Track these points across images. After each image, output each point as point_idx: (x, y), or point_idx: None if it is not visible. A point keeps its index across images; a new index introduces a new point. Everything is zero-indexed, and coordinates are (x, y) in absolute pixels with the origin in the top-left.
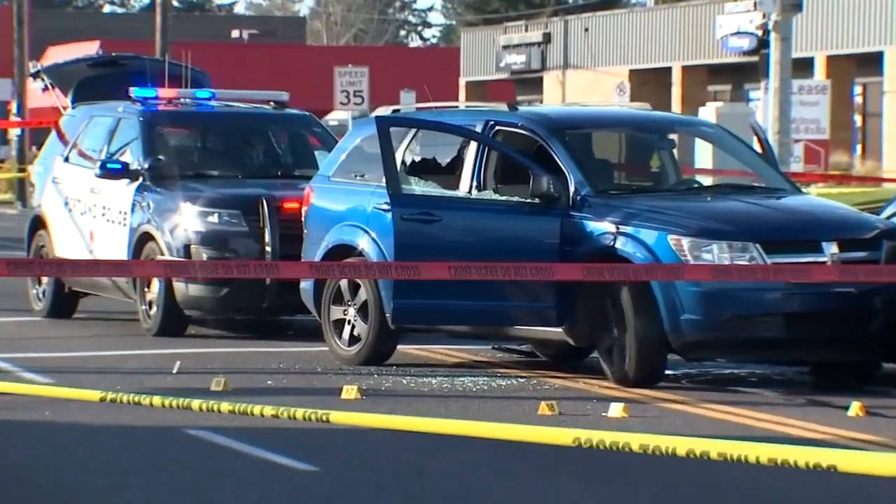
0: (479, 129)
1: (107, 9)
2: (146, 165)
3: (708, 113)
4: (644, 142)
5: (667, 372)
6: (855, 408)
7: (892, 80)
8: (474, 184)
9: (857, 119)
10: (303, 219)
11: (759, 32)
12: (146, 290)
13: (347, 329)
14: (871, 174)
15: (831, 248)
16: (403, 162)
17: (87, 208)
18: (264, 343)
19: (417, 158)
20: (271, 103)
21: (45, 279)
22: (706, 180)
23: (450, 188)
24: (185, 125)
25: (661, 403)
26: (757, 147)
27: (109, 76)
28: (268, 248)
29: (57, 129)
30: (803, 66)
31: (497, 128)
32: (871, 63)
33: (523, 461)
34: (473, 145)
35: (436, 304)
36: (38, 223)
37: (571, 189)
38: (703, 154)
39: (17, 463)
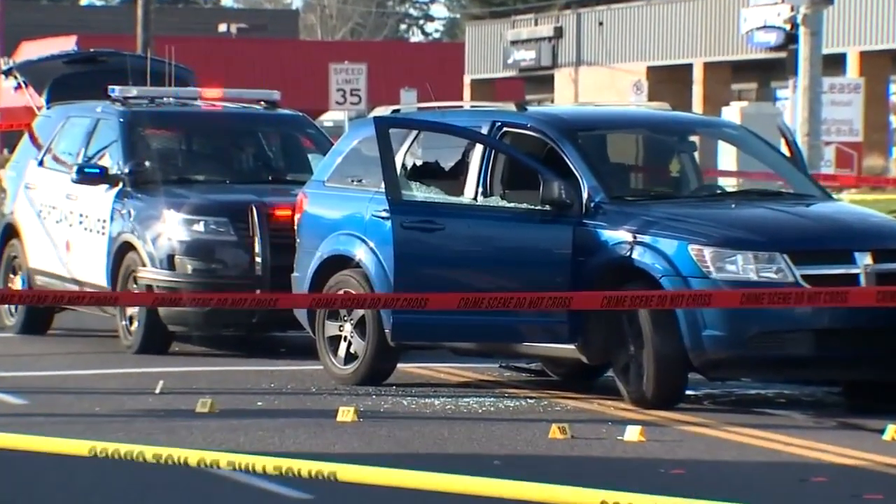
0: (485, 130)
1: (84, 1)
2: (127, 170)
3: (732, 113)
4: (663, 144)
5: (687, 392)
6: (891, 431)
7: None
8: (480, 190)
9: (893, 120)
10: (295, 227)
11: (787, 26)
12: None
13: (343, 346)
14: None
15: (865, 259)
16: (404, 166)
17: (63, 216)
18: (254, 361)
19: (419, 162)
20: (262, 103)
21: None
22: (730, 186)
23: (453, 194)
24: (168, 126)
25: (681, 426)
26: (785, 150)
27: (87, 74)
28: (258, 259)
29: (29, 131)
30: (835, 63)
31: (504, 129)
32: None
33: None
34: (479, 148)
35: (438, 319)
36: (10, 232)
37: (584, 195)
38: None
39: None
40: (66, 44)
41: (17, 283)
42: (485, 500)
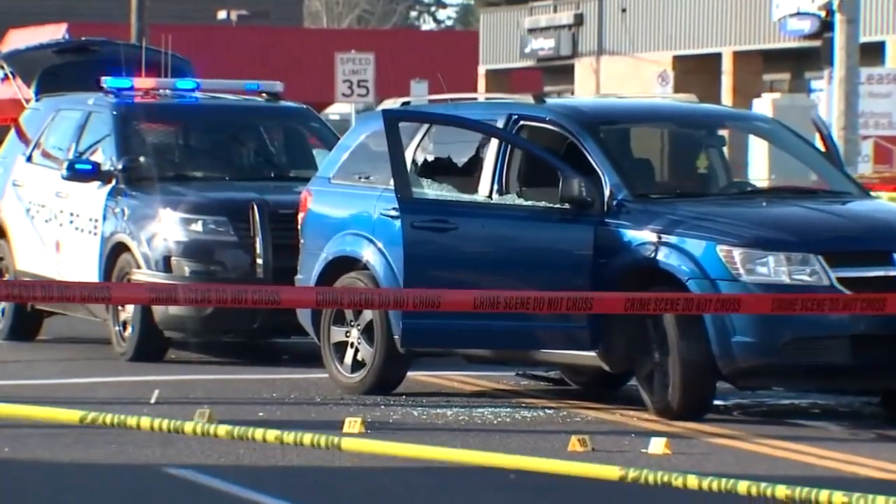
0: (500, 124)
1: None
2: (120, 166)
3: (763, 105)
4: (690, 139)
5: (716, 402)
6: None
7: None
8: (495, 187)
9: None
10: (299, 227)
11: (822, 13)
12: (120, 308)
13: (350, 353)
14: None
15: None
16: (414, 162)
17: (53, 215)
18: (255, 369)
19: (430, 158)
20: (263, 95)
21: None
22: (761, 182)
23: (467, 192)
24: (164, 120)
25: (708, 438)
26: (819, 145)
27: (78, 64)
28: (259, 261)
29: (17, 125)
30: (873, 52)
31: (521, 123)
32: None
33: (548, 501)
34: (494, 143)
35: (451, 324)
36: None
37: (606, 193)
38: (758, 153)
39: None
40: (55, 32)
41: None
42: (493, 495)
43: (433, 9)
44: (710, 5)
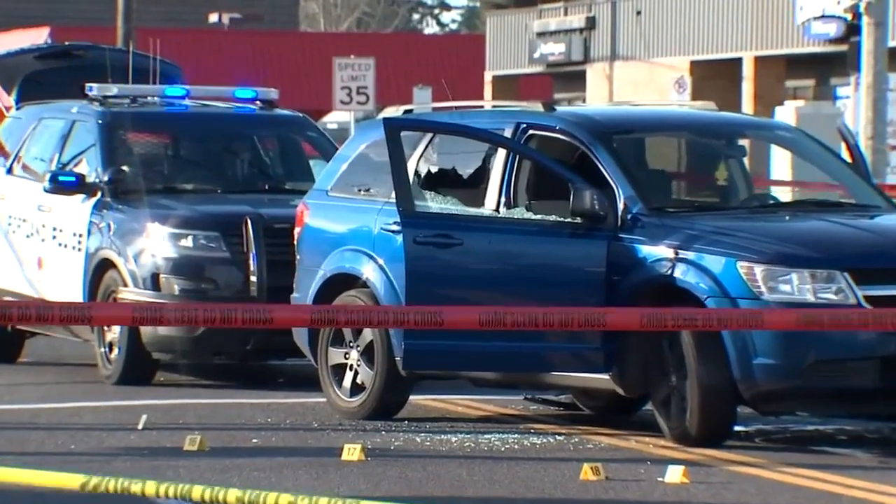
0: (508, 133)
1: None
2: (106, 178)
3: (786, 114)
4: (708, 149)
5: (736, 428)
6: None
7: None
8: (502, 200)
9: None
10: (295, 242)
11: (849, 16)
12: (106, 329)
13: (349, 376)
14: None
15: None
16: (417, 173)
17: (35, 230)
18: (248, 393)
19: (434, 169)
20: (257, 102)
21: None
22: (784, 195)
23: (473, 205)
24: (152, 129)
25: (729, 466)
26: (846, 155)
27: (61, 70)
28: (253, 278)
29: None
30: None
31: (530, 132)
32: None
33: None
34: (501, 154)
35: (456, 345)
36: None
37: (620, 206)
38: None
39: None
40: (37, 36)
41: None
42: None
43: (437, 11)
44: (730, 8)
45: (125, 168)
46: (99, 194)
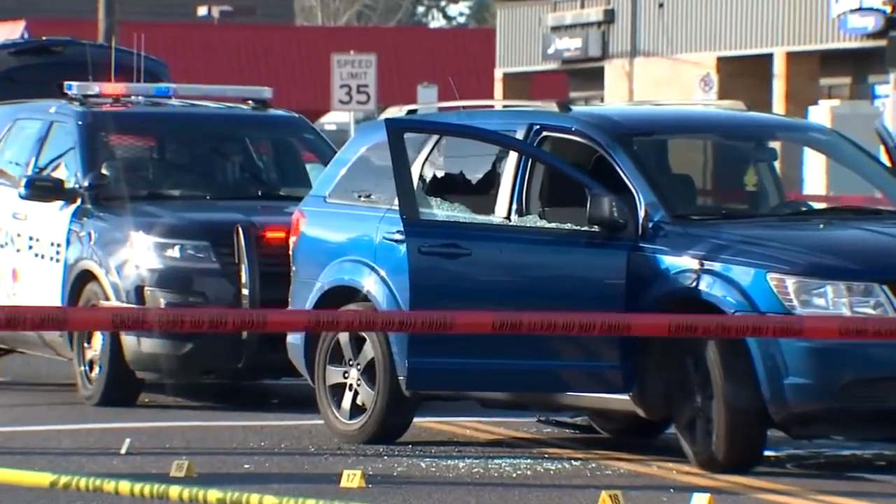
0: (520, 135)
1: None
2: (86, 183)
3: (820, 114)
4: (736, 152)
5: (766, 453)
6: None
7: None
8: (514, 207)
9: None
10: (290, 252)
11: (888, 9)
12: (86, 345)
13: (349, 396)
14: None
15: None
16: (422, 178)
17: (9, 239)
18: (240, 415)
19: (440, 174)
20: (249, 102)
21: None
22: (817, 202)
23: (482, 212)
24: (137, 131)
25: (758, 494)
26: (884, 159)
27: (39, 67)
28: (245, 291)
29: None
30: None
31: (544, 134)
32: None
33: None
34: (513, 157)
35: (464, 363)
36: None
37: (641, 213)
38: (814, 168)
39: None
40: (12, 30)
41: None
42: None
43: (443, 4)
44: (761, 0)
45: (107, 172)
46: (79, 201)
